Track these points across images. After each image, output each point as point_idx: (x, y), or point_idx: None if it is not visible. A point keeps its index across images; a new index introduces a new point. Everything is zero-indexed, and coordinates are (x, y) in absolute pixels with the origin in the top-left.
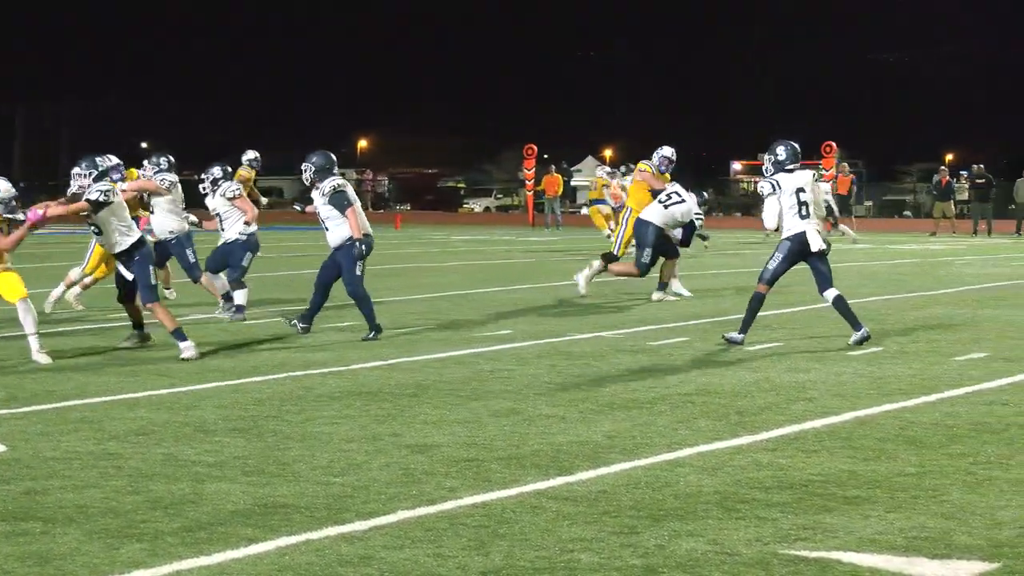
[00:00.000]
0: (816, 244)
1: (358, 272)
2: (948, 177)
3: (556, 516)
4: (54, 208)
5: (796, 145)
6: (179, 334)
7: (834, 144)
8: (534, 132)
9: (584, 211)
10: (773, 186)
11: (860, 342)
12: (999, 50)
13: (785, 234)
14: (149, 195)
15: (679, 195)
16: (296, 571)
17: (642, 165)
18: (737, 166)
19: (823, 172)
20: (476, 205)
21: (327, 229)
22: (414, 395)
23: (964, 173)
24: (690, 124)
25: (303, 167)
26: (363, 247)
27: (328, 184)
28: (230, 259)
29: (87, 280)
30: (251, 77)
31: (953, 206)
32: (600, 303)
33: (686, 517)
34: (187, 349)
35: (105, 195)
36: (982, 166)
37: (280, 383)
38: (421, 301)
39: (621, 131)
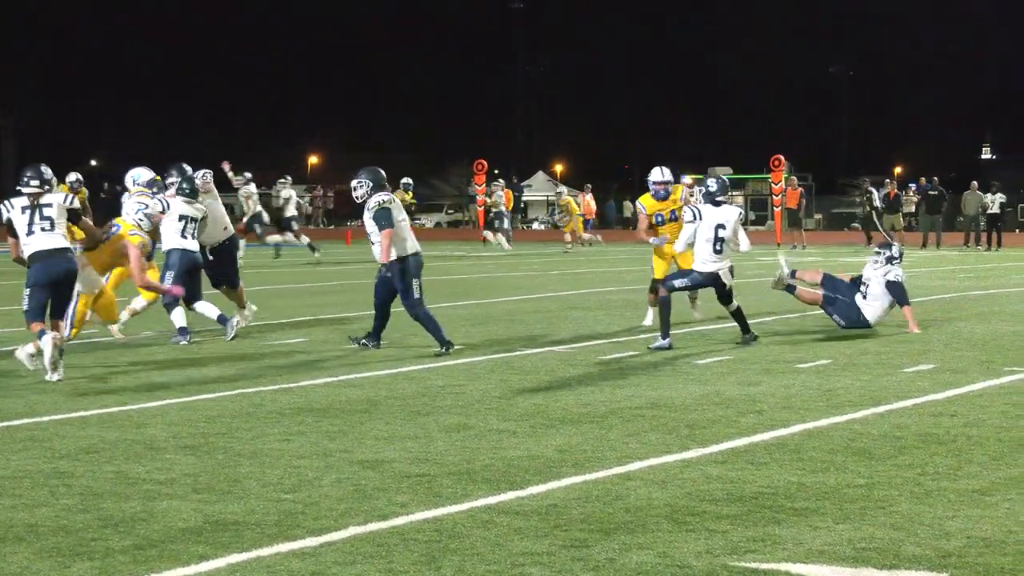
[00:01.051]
0: (728, 283)
1: (416, 295)
2: (896, 190)
3: (507, 530)
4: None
5: (726, 180)
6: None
7: (783, 158)
8: (483, 147)
9: (536, 226)
10: (694, 215)
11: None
12: (948, 63)
13: (699, 267)
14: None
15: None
16: None
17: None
18: (687, 180)
19: (772, 185)
20: (427, 220)
21: (372, 243)
22: (365, 411)
23: (912, 186)
24: (644, 138)
25: (355, 184)
26: (387, 272)
27: (374, 200)
28: None
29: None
30: (202, 91)
31: (902, 219)
32: (550, 319)
33: (636, 530)
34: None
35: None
36: (936, 179)
37: (230, 400)
38: (372, 317)
39: (573, 146)
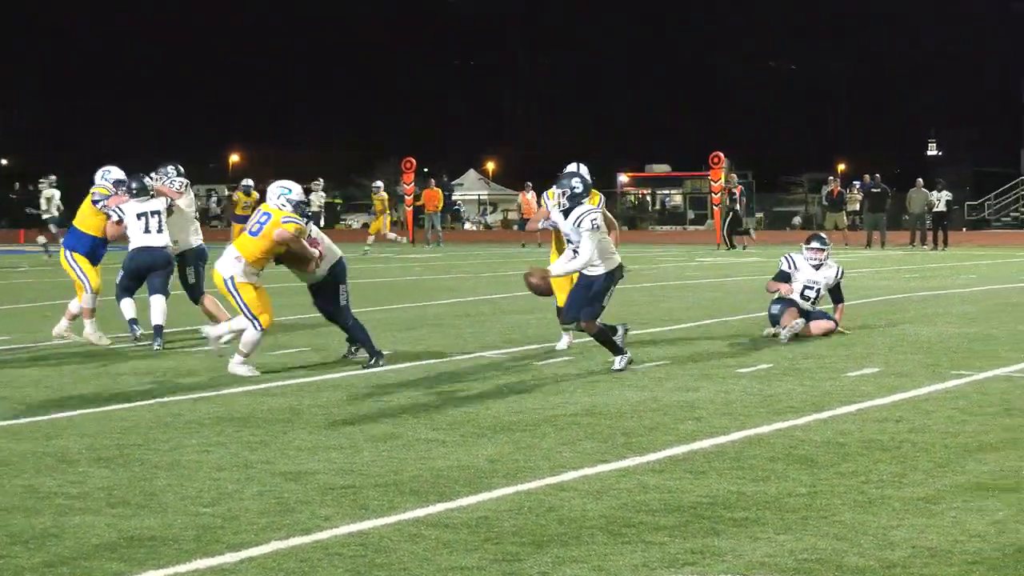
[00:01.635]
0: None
1: (343, 301)
2: (839, 187)
3: (435, 544)
4: None
5: (587, 177)
6: None
7: (722, 155)
8: (412, 144)
9: (468, 226)
10: (592, 223)
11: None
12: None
13: (612, 267)
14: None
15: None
16: None
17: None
18: (623, 178)
19: (712, 183)
20: (354, 221)
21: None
22: (288, 420)
23: (856, 183)
24: (579, 133)
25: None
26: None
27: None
28: None
29: (74, 309)
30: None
31: (845, 217)
32: (482, 323)
33: (570, 543)
34: None
35: None
36: (878, 176)
37: (147, 409)
38: (296, 322)
39: (506, 143)
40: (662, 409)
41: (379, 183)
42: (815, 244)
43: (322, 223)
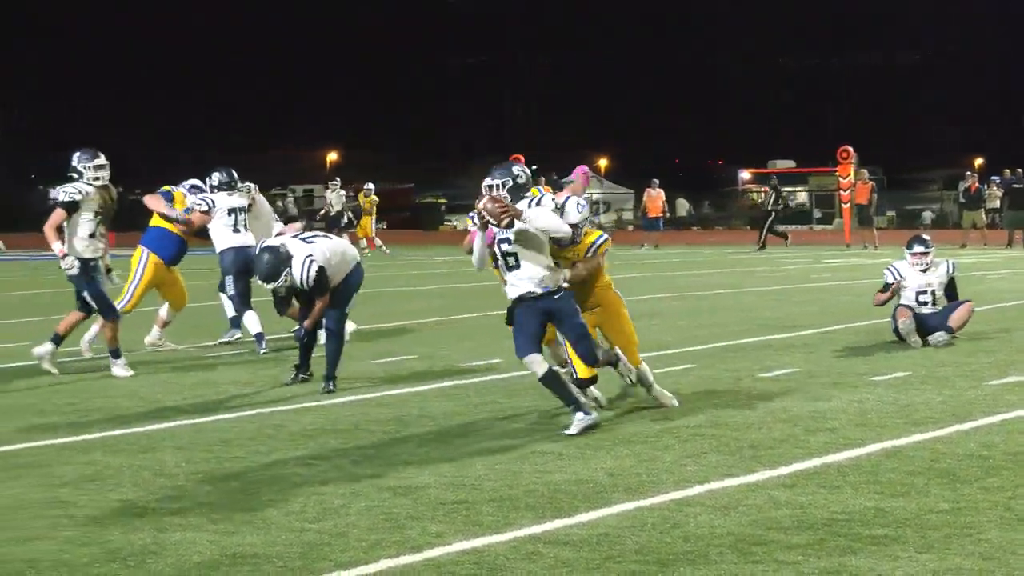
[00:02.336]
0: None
1: (347, 309)
2: (977, 183)
3: (554, 563)
4: None
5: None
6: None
7: (851, 149)
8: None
9: None
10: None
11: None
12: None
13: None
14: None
15: None
16: None
17: None
18: (745, 175)
19: (841, 180)
20: (459, 222)
21: None
22: (395, 432)
23: (995, 179)
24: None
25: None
26: None
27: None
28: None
29: (164, 316)
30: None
31: (984, 215)
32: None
33: (697, 561)
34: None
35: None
36: (1020, 171)
37: (247, 421)
38: (402, 328)
39: (617, 136)
40: (792, 420)
41: (370, 185)
42: (917, 248)
43: (349, 223)
